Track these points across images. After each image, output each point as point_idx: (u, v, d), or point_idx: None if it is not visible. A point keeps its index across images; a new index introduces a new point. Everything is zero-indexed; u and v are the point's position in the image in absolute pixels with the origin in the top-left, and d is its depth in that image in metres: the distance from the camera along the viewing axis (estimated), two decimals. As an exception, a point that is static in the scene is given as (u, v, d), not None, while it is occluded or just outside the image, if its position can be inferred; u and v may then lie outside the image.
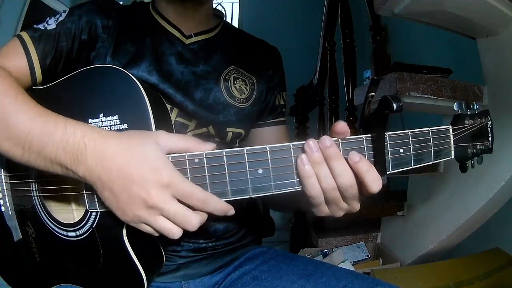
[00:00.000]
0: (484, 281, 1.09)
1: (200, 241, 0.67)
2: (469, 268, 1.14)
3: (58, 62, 0.61)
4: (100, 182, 0.44)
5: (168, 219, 0.44)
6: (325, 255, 1.59)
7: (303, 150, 0.44)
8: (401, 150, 0.47)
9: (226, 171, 0.45)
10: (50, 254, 0.59)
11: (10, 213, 0.62)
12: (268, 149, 0.45)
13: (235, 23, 3.77)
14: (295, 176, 0.45)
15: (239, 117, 0.68)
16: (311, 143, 0.43)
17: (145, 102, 0.49)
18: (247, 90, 0.70)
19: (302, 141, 0.45)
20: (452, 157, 0.50)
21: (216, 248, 0.69)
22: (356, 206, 0.48)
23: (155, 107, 0.51)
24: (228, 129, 0.67)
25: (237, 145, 0.71)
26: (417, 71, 1.23)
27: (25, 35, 0.59)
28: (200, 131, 0.65)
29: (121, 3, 0.69)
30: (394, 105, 0.41)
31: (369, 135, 0.46)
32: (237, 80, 0.70)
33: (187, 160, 0.46)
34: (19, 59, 0.58)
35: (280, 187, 0.45)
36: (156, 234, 0.46)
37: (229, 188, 0.45)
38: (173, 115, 0.64)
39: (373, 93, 0.45)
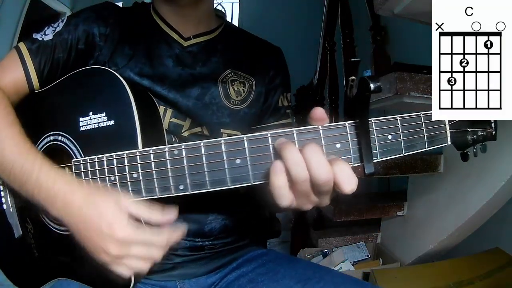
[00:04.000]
0: (484, 281, 1.09)
1: (197, 240, 0.67)
2: (469, 268, 1.14)
3: (55, 72, 0.63)
4: (70, 227, 0.49)
5: (133, 260, 0.47)
6: (325, 255, 1.59)
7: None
8: (390, 137, 0.44)
9: (204, 161, 0.46)
10: (47, 249, 0.61)
11: (11, 210, 0.63)
12: (245, 138, 0.44)
13: (235, 23, 3.78)
14: None
15: (233, 119, 0.68)
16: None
17: (129, 98, 0.52)
18: (244, 92, 0.70)
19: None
20: (449, 143, 0.47)
21: (214, 247, 0.68)
22: (327, 201, 0.44)
23: (140, 104, 0.53)
24: (222, 130, 0.67)
25: None
26: (417, 71, 1.23)
27: (23, 47, 0.62)
28: (195, 131, 0.65)
29: (120, 4, 0.69)
30: (372, 85, 0.39)
31: (352, 121, 0.43)
32: (235, 82, 0.69)
33: (166, 152, 0.47)
34: (17, 72, 0.62)
35: (259, 177, 0.45)
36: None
37: (207, 178, 0.46)
38: (168, 116, 0.64)
39: (353, 77, 0.44)
